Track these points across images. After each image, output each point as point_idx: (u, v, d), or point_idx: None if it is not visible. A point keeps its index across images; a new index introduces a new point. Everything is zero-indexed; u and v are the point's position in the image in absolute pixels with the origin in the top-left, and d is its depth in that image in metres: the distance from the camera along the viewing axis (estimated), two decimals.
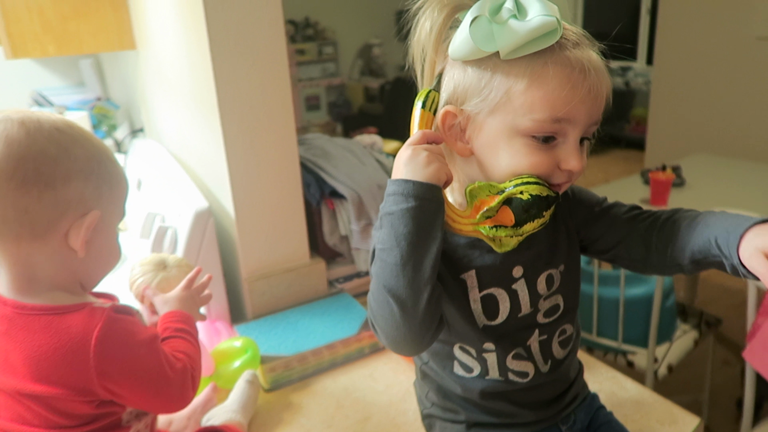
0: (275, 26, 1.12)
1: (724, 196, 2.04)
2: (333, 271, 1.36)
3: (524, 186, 0.60)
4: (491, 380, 0.73)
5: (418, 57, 0.66)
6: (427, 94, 0.64)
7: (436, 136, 0.63)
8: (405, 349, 0.64)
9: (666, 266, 0.68)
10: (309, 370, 1.10)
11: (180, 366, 0.71)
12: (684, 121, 3.68)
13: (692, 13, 3.48)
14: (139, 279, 0.93)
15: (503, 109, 0.60)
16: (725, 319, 2.08)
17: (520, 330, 0.72)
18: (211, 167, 1.27)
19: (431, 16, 0.62)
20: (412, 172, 0.59)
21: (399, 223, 0.58)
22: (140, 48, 1.70)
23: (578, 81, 0.58)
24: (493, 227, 0.62)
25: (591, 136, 0.64)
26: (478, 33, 0.57)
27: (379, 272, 0.60)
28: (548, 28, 0.56)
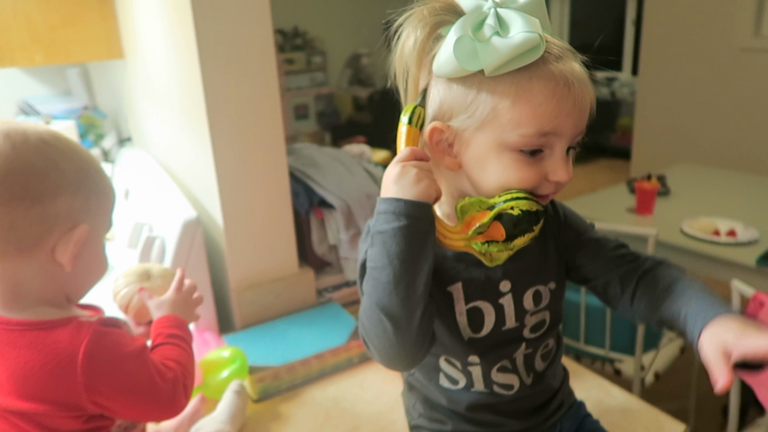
0: (264, 36, 1.13)
1: (708, 205, 2.07)
2: (322, 280, 1.36)
3: (514, 201, 0.61)
4: (477, 392, 0.74)
5: (400, 72, 0.66)
6: (413, 110, 0.63)
7: (423, 153, 0.62)
8: (398, 365, 0.64)
9: (634, 315, 0.71)
10: (298, 380, 1.09)
11: (171, 375, 0.70)
12: (669, 131, 3.73)
13: (676, 24, 3.54)
14: (122, 290, 0.92)
15: (490, 125, 0.60)
16: None
17: (505, 343, 0.72)
18: (200, 177, 1.27)
19: (413, 33, 0.62)
20: (402, 190, 0.59)
21: (391, 242, 0.58)
22: (129, 57, 1.70)
23: (563, 94, 0.58)
24: (485, 243, 0.62)
25: (576, 144, 0.64)
26: (461, 52, 0.58)
27: (372, 291, 0.60)
28: (531, 44, 0.57)
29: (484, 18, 0.59)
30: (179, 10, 1.11)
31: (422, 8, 0.61)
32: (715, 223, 1.80)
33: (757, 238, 1.71)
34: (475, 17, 0.59)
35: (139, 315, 0.92)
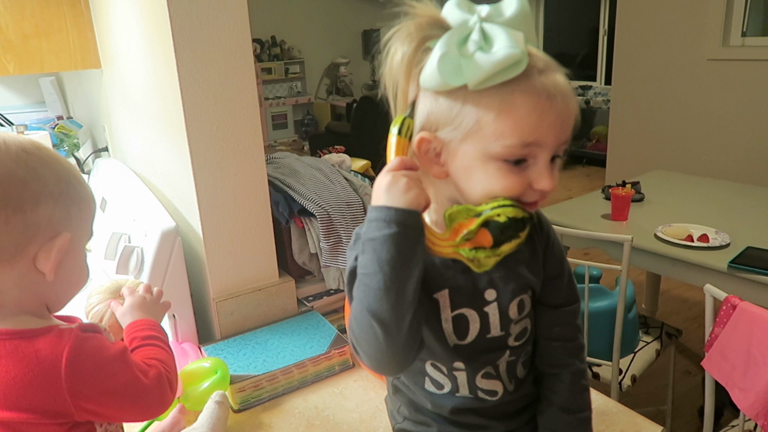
0: (242, 45, 1.13)
1: (680, 211, 2.12)
2: (302, 289, 1.35)
3: (501, 209, 0.62)
4: (461, 397, 0.75)
5: (390, 86, 0.67)
6: (403, 121, 0.65)
7: (413, 162, 0.64)
8: (387, 370, 0.66)
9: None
10: (279, 389, 1.09)
11: (154, 372, 0.71)
12: (642, 139, 3.80)
13: (647, 35, 3.63)
14: (95, 308, 0.91)
15: (475, 136, 0.62)
16: (685, 330, 2.15)
17: (490, 351, 0.73)
18: (178, 186, 1.26)
19: (401, 47, 0.63)
20: (393, 198, 0.60)
21: (381, 249, 0.59)
22: (105, 67, 1.69)
23: (545, 107, 0.60)
24: (472, 249, 0.63)
25: (562, 153, 0.66)
26: (446, 68, 0.59)
27: (362, 297, 0.61)
28: (513, 59, 0.58)
29: (469, 33, 0.60)
30: (157, 20, 1.11)
31: (409, 23, 0.62)
32: (688, 229, 1.84)
33: (728, 243, 1.75)
34: (460, 32, 0.61)
35: (113, 330, 0.91)
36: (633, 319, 1.79)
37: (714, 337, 1.28)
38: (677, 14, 3.42)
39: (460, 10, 0.62)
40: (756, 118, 3.21)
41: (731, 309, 1.24)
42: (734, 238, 1.78)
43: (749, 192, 2.35)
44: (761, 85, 3.15)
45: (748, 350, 1.20)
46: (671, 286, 2.99)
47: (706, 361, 1.30)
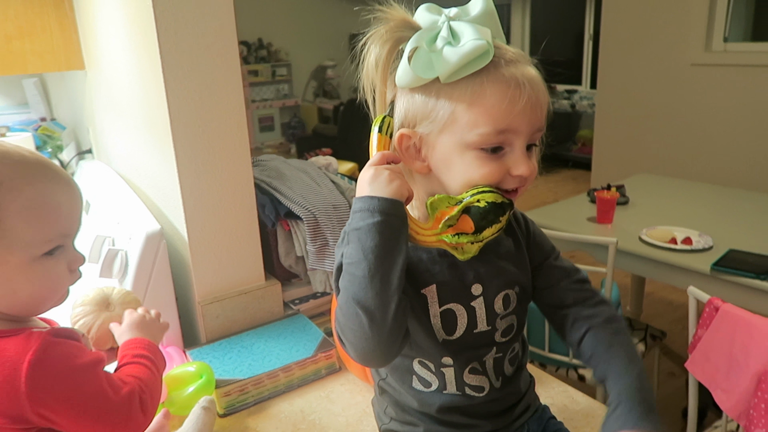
0: (229, 47, 1.12)
1: (664, 214, 2.14)
2: (289, 292, 1.35)
3: (480, 195, 0.65)
4: (449, 394, 0.76)
5: (368, 88, 0.70)
6: (383, 120, 0.69)
7: (394, 156, 0.67)
8: (373, 361, 0.66)
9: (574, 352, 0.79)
10: (264, 393, 1.08)
11: (126, 390, 0.69)
12: (627, 143, 3.84)
13: (632, 39, 3.67)
14: (81, 320, 0.88)
15: (451, 128, 0.65)
16: (669, 332, 2.17)
17: (477, 346, 0.75)
18: (163, 189, 1.25)
19: (375, 51, 0.67)
20: (376, 189, 0.63)
21: (366, 238, 0.61)
22: (89, 68, 1.67)
23: (515, 95, 0.63)
24: (455, 235, 0.66)
25: (539, 142, 0.69)
26: (417, 63, 0.63)
27: (348, 285, 0.63)
28: (480, 51, 0.61)
29: (438, 31, 0.64)
30: (142, 21, 1.10)
31: (382, 27, 0.66)
32: (672, 232, 1.86)
33: (711, 246, 1.77)
34: (430, 31, 0.65)
35: (100, 342, 0.90)
36: None
37: (697, 338, 1.29)
38: (661, 19, 3.46)
39: (429, 13, 0.66)
40: (738, 123, 3.25)
41: (714, 311, 1.25)
42: (717, 240, 1.80)
43: (732, 195, 2.38)
44: (743, 89, 3.20)
45: (731, 352, 1.22)
46: (655, 289, 3.02)
47: (689, 363, 1.32)
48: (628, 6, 3.64)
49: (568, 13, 6.32)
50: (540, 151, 0.70)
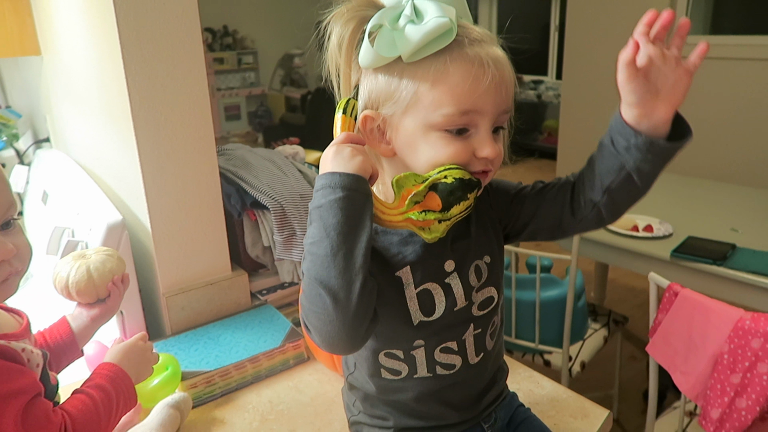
0: (191, 34, 1.10)
1: None
2: (256, 283, 1.33)
3: (447, 171, 0.64)
4: (419, 378, 0.74)
5: (333, 70, 0.69)
6: (347, 102, 0.67)
7: (358, 137, 0.65)
8: (339, 346, 0.63)
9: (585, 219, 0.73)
10: (232, 384, 1.07)
11: (53, 427, 0.64)
12: (591, 133, 3.90)
13: (596, 32, 3.72)
14: (60, 273, 0.89)
15: (414, 108, 0.64)
16: (631, 317, 2.22)
17: (455, 325, 0.73)
18: (125, 179, 1.22)
19: (338, 32, 0.65)
20: (338, 165, 0.61)
21: (328, 215, 0.59)
22: (46, 54, 1.62)
23: (479, 74, 0.62)
24: (422, 212, 0.64)
25: (506, 125, 0.68)
26: (379, 42, 0.61)
27: (310, 266, 0.60)
28: (443, 29, 0.60)
29: (401, 10, 0.63)
30: (101, 5, 1.06)
31: (344, 7, 0.64)
32: (634, 219, 1.90)
33: (671, 233, 1.82)
34: (393, 9, 0.63)
35: (84, 294, 0.88)
36: (582, 308, 1.85)
37: (657, 323, 1.33)
38: (624, 12, 3.52)
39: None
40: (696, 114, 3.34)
41: (673, 296, 1.29)
42: (676, 228, 1.85)
43: (691, 184, 2.45)
44: (702, 81, 3.28)
45: (689, 335, 1.26)
46: (618, 275, 3.09)
47: (650, 347, 1.35)
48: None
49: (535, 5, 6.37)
50: (509, 134, 0.69)
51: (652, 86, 0.63)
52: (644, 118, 0.64)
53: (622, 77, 0.64)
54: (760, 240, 1.75)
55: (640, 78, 0.63)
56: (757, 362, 1.15)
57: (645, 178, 0.68)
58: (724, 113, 3.23)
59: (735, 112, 3.18)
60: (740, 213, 2.03)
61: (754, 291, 1.55)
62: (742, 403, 1.17)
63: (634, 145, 0.65)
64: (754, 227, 1.86)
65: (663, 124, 0.65)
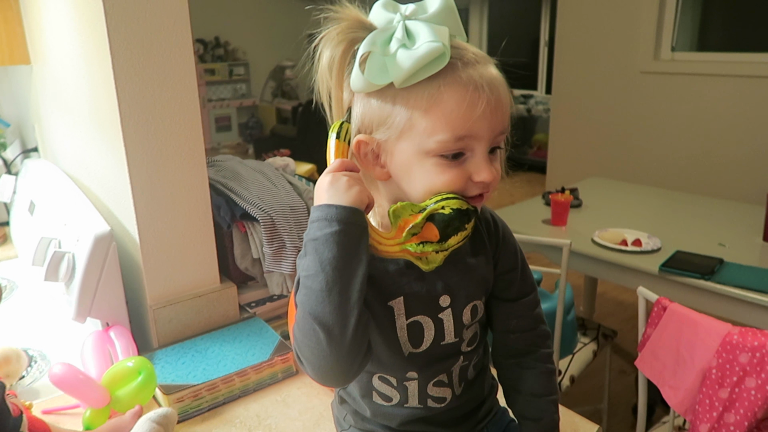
0: (183, 44, 1.09)
1: (616, 216, 2.21)
2: (245, 295, 1.32)
3: (444, 201, 0.62)
4: (409, 408, 0.74)
5: (323, 92, 0.67)
6: (341, 126, 0.65)
7: (353, 164, 0.64)
8: (332, 380, 0.62)
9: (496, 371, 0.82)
10: (219, 398, 1.06)
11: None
12: (580, 147, 3.94)
13: (585, 47, 3.76)
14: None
15: (408, 134, 0.62)
16: (620, 331, 2.23)
17: (444, 358, 0.73)
18: (113, 189, 1.21)
19: (329, 52, 0.63)
20: (335, 197, 0.59)
21: (323, 248, 0.58)
22: (35, 63, 1.61)
23: (474, 99, 0.60)
24: (419, 244, 0.63)
25: (502, 144, 0.66)
26: (370, 68, 0.60)
27: (305, 300, 0.59)
28: (435, 54, 0.58)
29: (393, 32, 0.61)
30: (91, 15, 1.06)
31: (335, 28, 0.62)
32: (623, 233, 1.91)
33: (660, 247, 1.84)
34: (384, 32, 0.61)
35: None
36: (572, 321, 1.85)
37: (646, 337, 1.33)
38: (613, 28, 3.57)
39: (385, 11, 0.62)
40: (686, 129, 3.38)
41: (662, 310, 1.29)
42: (665, 242, 1.87)
43: (679, 198, 2.48)
44: (689, 97, 3.33)
45: (678, 349, 1.26)
46: (607, 289, 3.11)
47: (639, 361, 1.36)
48: (581, 14, 3.74)
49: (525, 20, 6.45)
50: (504, 153, 0.68)
51: None
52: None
53: None
54: (746, 255, 1.77)
55: None
56: (745, 377, 1.15)
57: None
58: (711, 129, 3.28)
59: (722, 128, 3.23)
60: (727, 228, 2.05)
61: (742, 306, 1.57)
62: (731, 418, 1.17)
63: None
64: (741, 242, 1.88)
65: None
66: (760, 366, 1.13)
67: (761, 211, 1.90)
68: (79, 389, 0.88)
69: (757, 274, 1.62)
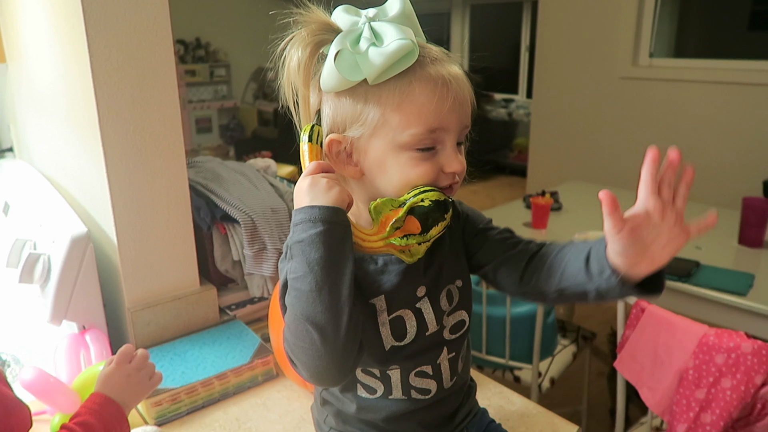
0: (162, 44, 1.08)
1: (595, 219, 2.22)
2: (225, 297, 1.31)
3: (423, 194, 0.65)
4: (394, 400, 0.74)
5: (290, 94, 0.69)
6: (312, 128, 0.67)
7: (328, 165, 0.65)
8: (328, 380, 0.63)
9: (526, 293, 0.72)
10: (198, 402, 1.05)
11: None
12: (560, 151, 3.98)
13: (565, 52, 3.81)
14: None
15: (382, 130, 0.64)
16: (599, 333, 2.25)
17: (428, 349, 0.73)
18: (91, 190, 1.19)
19: (296, 54, 0.65)
20: (316, 198, 0.61)
21: (310, 249, 0.59)
22: (10, 62, 1.58)
23: (443, 93, 0.63)
24: (403, 237, 0.65)
25: (465, 138, 0.70)
26: (343, 65, 0.62)
27: (295, 302, 0.59)
28: (405, 50, 0.61)
29: (361, 32, 0.63)
30: (69, 14, 1.04)
31: (301, 30, 0.65)
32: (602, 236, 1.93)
33: None
34: (352, 33, 0.64)
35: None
36: (551, 324, 1.86)
37: (625, 339, 1.35)
38: (593, 34, 3.61)
39: (348, 14, 0.65)
40: (663, 134, 3.43)
41: (640, 312, 1.31)
42: None
43: None
44: (667, 102, 3.38)
45: (655, 351, 1.28)
46: None
47: (617, 362, 1.37)
48: (562, 20, 3.78)
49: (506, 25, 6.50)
50: (465, 147, 0.70)
51: (640, 241, 0.58)
52: (624, 266, 0.60)
53: (607, 226, 0.59)
54: (722, 258, 1.80)
55: (627, 232, 0.58)
56: (720, 377, 1.17)
57: (597, 300, 0.66)
58: (688, 134, 3.33)
59: (698, 134, 3.28)
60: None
61: (718, 307, 1.59)
62: (707, 418, 1.19)
63: (606, 278, 0.62)
64: (717, 245, 1.91)
65: (642, 275, 0.61)
66: (735, 367, 1.15)
67: (737, 215, 1.94)
68: (49, 394, 0.86)
69: (732, 276, 1.65)
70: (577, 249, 0.68)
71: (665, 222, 0.58)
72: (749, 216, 1.88)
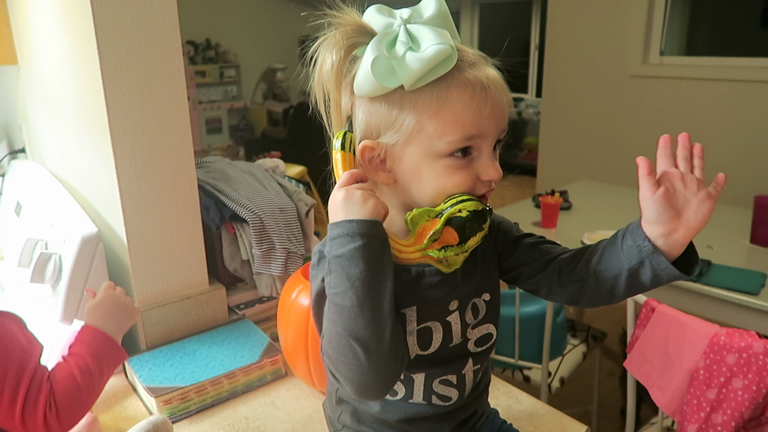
0: (171, 45, 1.09)
1: (604, 218, 2.22)
2: (234, 297, 1.32)
3: (460, 204, 0.63)
4: (414, 404, 0.74)
5: (321, 97, 0.66)
6: (344, 136, 0.65)
7: (362, 174, 0.63)
8: (372, 393, 0.62)
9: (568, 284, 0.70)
10: (207, 400, 1.05)
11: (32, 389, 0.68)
12: (570, 150, 3.96)
13: (575, 51, 3.79)
14: None
15: (418, 137, 0.62)
16: (609, 332, 2.24)
17: (452, 359, 0.73)
18: (101, 190, 1.20)
19: (329, 57, 0.62)
20: (352, 211, 0.59)
21: (349, 264, 0.58)
22: (22, 63, 1.59)
23: (481, 98, 0.61)
24: (441, 248, 0.64)
25: (502, 139, 0.67)
26: (379, 71, 0.59)
27: (336, 317, 0.59)
28: (444, 55, 0.59)
29: (396, 35, 0.61)
30: (79, 15, 1.05)
31: (335, 32, 0.62)
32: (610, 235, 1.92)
33: None
34: (387, 36, 0.61)
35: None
36: (561, 323, 1.86)
37: (635, 338, 1.34)
38: (602, 32, 3.59)
39: (382, 15, 0.63)
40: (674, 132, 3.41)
41: (650, 312, 1.30)
42: None
43: None
44: (677, 101, 3.35)
45: (665, 351, 1.27)
46: None
47: (627, 362, 1.36)
48: (571, 19, 3.76)
49: (515, 24, 6.48)
50: (499, 149, 0.68)
51: (673, 207, 0.62)
52: (661, 236, 0.63)
53: (642, 190, 0.63)
54: (734, 257, 1.79)
55: (660, 195, 0.62)
56: (732, 378, 1.16)
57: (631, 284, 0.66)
58: (699, 133, 3.30)
59: (710, 132, 3.25)
60: (714, 230, 2.06)
61: (729, 307, 1.58)
62: (718, 418, 1.18)
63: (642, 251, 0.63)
64: (729, 244, 1.89)
65: (678, 248, 0.64)
66: (746, 367, 1.14)
67: (748, 213, 1.92)
68: None
69: (744, 275, 1.63)
70: (613, 236, 0.69)
71: (689, 188, 0.62)
72: (761, 214, 1.86)
